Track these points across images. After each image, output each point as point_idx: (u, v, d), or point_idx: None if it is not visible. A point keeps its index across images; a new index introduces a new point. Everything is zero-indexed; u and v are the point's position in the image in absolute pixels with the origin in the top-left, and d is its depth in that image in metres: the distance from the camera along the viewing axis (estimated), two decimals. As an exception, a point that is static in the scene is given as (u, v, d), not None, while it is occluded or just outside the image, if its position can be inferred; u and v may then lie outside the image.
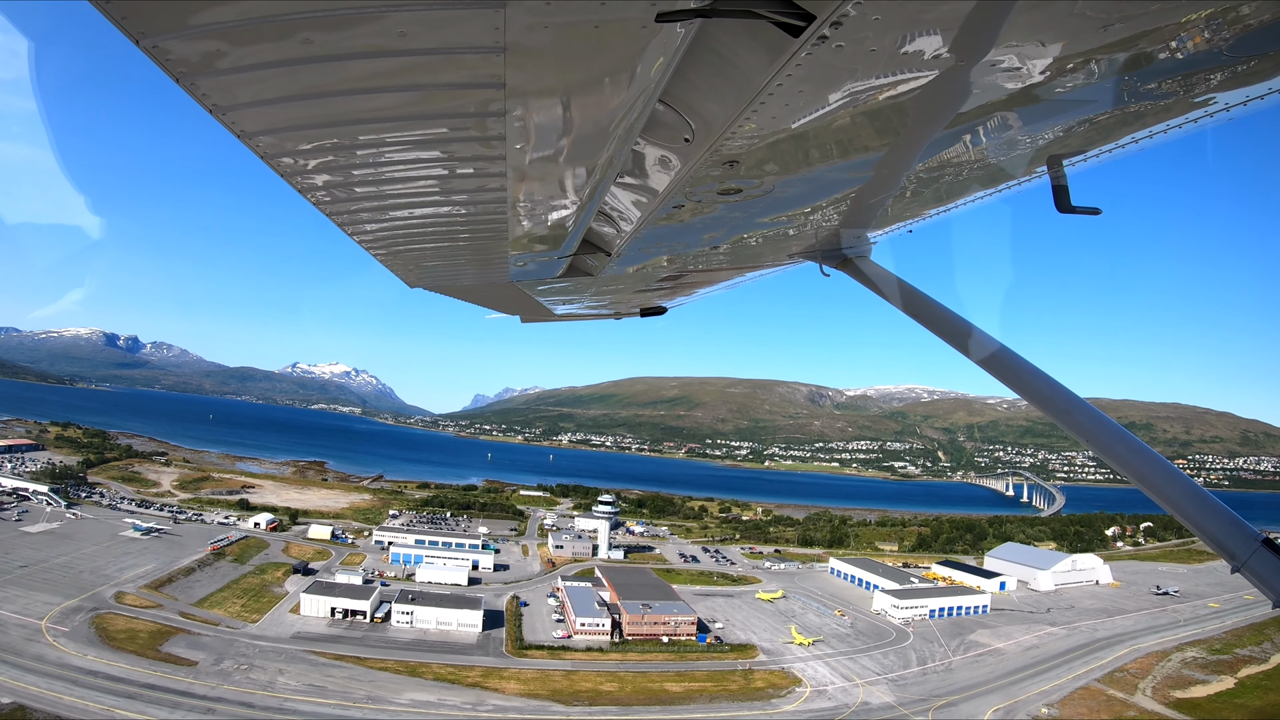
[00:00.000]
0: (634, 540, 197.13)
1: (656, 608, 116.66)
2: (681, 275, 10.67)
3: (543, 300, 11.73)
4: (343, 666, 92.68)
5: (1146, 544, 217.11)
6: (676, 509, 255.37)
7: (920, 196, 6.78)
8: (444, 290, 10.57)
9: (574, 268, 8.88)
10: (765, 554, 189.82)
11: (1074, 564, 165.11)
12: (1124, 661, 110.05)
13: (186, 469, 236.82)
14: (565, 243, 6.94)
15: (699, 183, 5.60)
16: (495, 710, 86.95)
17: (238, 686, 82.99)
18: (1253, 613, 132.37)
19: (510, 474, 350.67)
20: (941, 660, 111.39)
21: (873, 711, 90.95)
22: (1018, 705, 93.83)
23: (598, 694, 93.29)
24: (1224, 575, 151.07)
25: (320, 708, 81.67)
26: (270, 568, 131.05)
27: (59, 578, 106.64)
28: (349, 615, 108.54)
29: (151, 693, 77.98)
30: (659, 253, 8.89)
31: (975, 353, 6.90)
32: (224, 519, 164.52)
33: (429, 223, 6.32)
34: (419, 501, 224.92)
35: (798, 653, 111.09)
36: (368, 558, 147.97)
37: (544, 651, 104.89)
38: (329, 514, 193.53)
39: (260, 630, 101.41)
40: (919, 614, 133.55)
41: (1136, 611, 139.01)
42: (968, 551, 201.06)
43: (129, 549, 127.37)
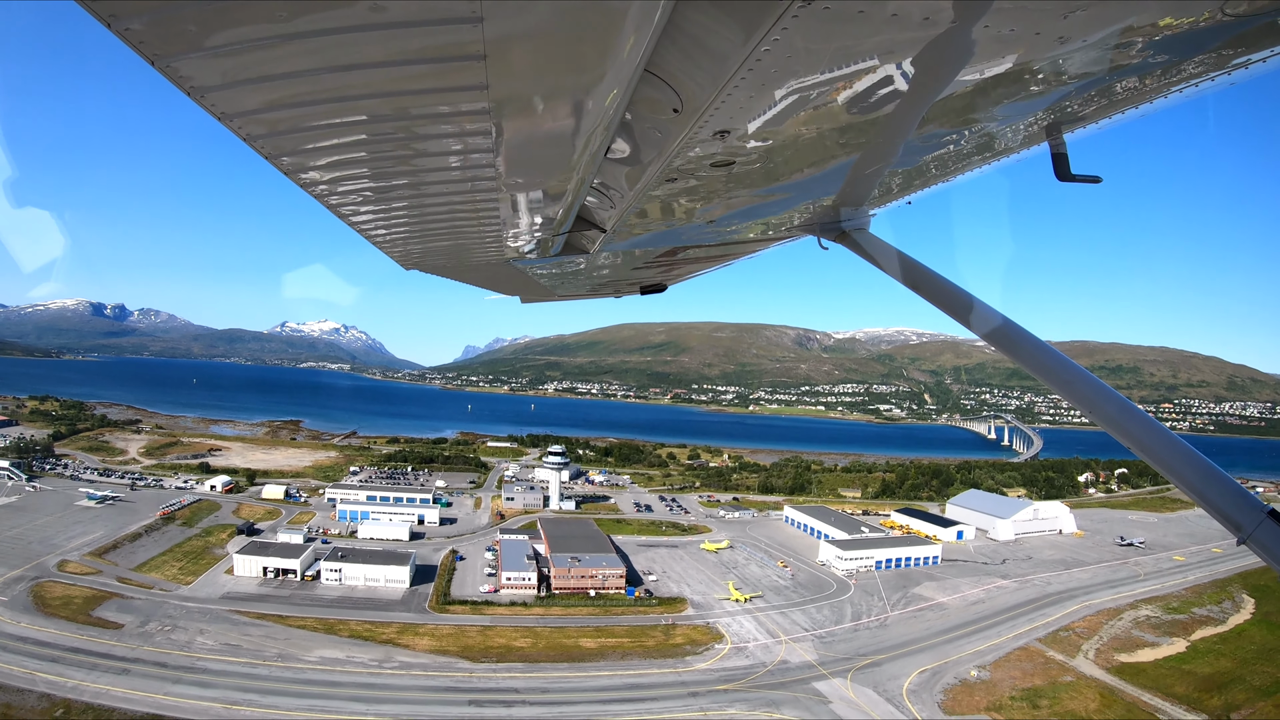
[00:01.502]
0: (591, 490, 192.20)
1: (586, 560, 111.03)
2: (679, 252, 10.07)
3: (541, 280, 11.38)
4: (263, 625, 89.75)
5: (1120, 491, 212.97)
6: (643, 456, 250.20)
7: (918, 167, 6.46)
8: (440, 272, 9.79)
9: (570, 246, 8.38)
10: (723, 502, 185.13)
11: (1036, 512, 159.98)
12: (1072, 619, 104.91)
13: (156, 435, 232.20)
14: (560, 221, 6.65)
15: (691, 156, 5.36)
16: (399, 667, 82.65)
17: (156, 647, 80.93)
18: (1218, 567, 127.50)
19: (488, 425, 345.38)
20: (878, 615, 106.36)
21: (789, 671, 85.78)
22: (947, 666, 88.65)
23: (509, 650, 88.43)
24: (1195, 525, 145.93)
25: (230, 666, 78.78)
26: (217, 530, 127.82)
27: (7, 549, 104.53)
28: (280, 574, 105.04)
29: (74, 656, 76.81)
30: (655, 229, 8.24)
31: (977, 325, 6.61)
32: (182, 483, 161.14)
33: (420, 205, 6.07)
34: (383, 457, 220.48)
35: (728, 607, 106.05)
36: (317, 516, 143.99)
37: (467, 607, 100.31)
38: (290, 473, 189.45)
39: (191, 592, 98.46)
40: (864, 565, 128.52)
41: (1096, 564, 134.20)
42: (933, 498, 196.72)
43: (81, 518, 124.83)
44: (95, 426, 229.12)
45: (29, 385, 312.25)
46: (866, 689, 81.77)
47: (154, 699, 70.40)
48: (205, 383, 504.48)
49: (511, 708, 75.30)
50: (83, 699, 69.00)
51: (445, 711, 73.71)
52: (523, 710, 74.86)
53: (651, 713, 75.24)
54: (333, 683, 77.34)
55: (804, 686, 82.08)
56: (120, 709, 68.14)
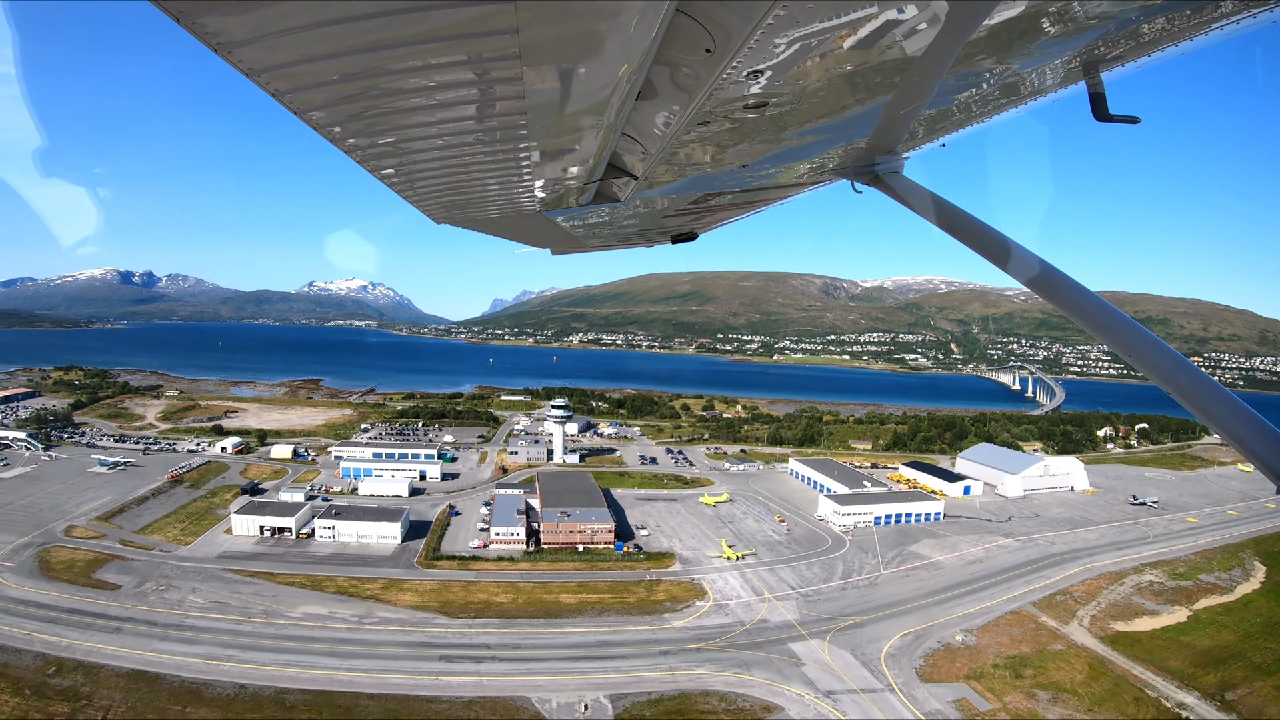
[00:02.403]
0: (600, 443, 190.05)
1: (575, 515, 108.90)
2: (711, 198, 9.71)
3: (572, 231, 10.82)
4: (253, 583, 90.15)
5: (1139, 446, 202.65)
6: (656, 408, 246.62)
7: (953, 107, 6.28)
8: (471, 225, 9.38)
9: (602, 195, 8.06)
10: (729, 454, 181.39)
11: (1046, 468, 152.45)
12: (1071, 583, 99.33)
13: (175, 400, 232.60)
14: (591, 169, 6.45)
15: (723, 98, 5.21)
16: (378, 622, 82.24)
17: (149, 606, 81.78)
18: (1231, 531, 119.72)
19: (507, 379, 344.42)
20: (869, 574, 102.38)
21: (767, 631, 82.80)
22: (932, 630, 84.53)
23: (488, 605, 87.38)
24: (1213, 485, 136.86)
25: (216, 623, 79.27)
26: (222, 491, 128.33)
27: (19, 518, 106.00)
28: (276, 533, 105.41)
29: (71, 616, 78.06)
30: (687, 175, 7.92)
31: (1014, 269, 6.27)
32: (195, 446, 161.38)
33: (450, 157, 5.84)
34: (396, 413, 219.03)
35: (717, 564, 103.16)
36: (322, 474, 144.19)
37: (454, 562, 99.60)
38: (302, 432, 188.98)
39: (189, 552, 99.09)
40: (863, 521, 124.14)
41: (1104, 524, 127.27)
42: (945, 451, 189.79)
43: (91, 484, 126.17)
44: (116, 394, 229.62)
45: (56, 356, 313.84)
46: (844, 651, 78.39)
47: (141, 655, 71.19)
48: (231, 345, 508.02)
49: (480, 663, 74.12)
50: (74, 657, 70.11)
51: (415, 666, 72.91)
52: (491, 666, 73.63)
53: (619, 671, 73.24)
54: (311, 638, 77.21)
55: (779, 647, 79.09)
56: (108, 665, 69.06)
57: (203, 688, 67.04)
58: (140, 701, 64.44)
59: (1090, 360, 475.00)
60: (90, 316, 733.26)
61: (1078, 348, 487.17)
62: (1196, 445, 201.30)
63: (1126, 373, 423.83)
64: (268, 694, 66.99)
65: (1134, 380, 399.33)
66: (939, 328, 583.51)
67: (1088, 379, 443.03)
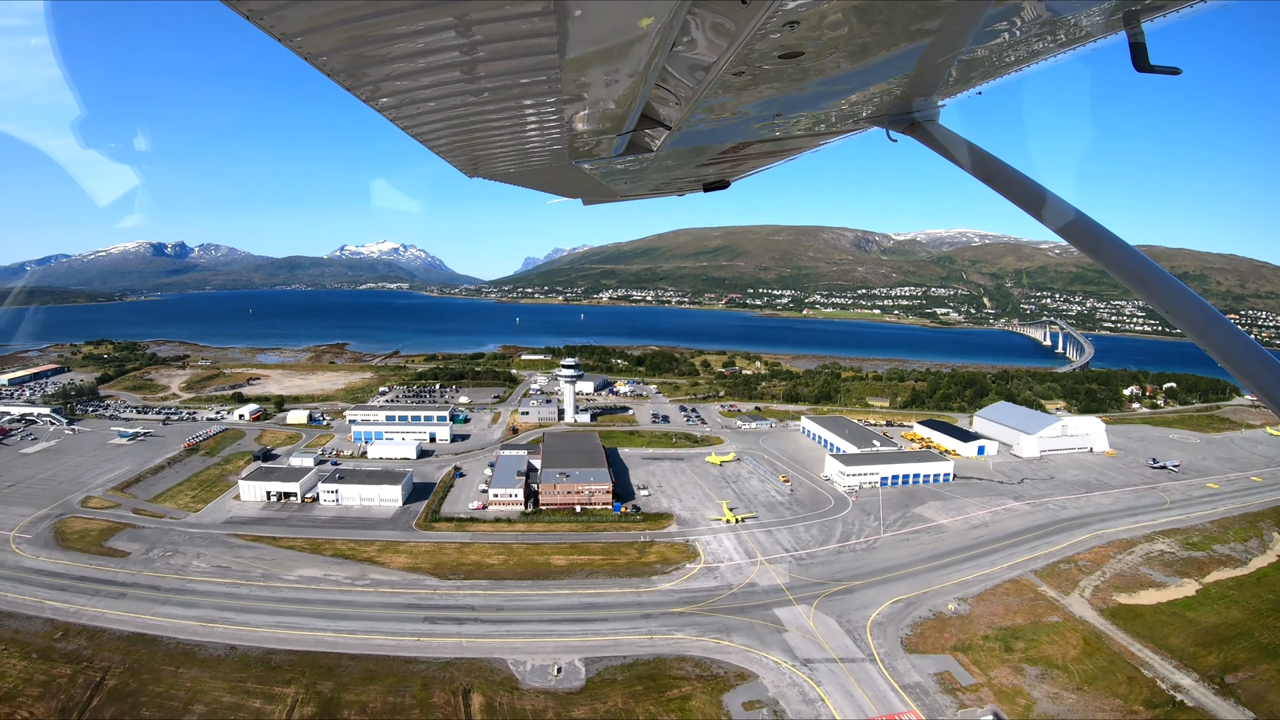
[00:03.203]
0: (615, 401, 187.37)
1: (574, 476, 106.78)
2: (745, 147, 9.39)
3: (604, 180, 10.54)
4: (256, 547, 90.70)
5: (1165, 407, 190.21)
6: (675, 365, 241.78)
7: (990, 55, 6.11)
8: (504, 178, 9.30)
9: (634, 144, 7.82)
10: (743, 412, 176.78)
11: (1065, 428, 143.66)
12: (1078, 550, 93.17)
13: (199, 369, 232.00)
14: (624, 119, 6.37)
15: (759, 47, 5.07)
16: (370, 585, 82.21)
17: (155, 572, 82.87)
18: (1253, 499, 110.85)
19: (532, 338, 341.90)
20: (868, 537, 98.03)
21: (754, 595, 79.81)
22: (925, 597, 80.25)
23: (478, 567, 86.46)
24: (1239, 449, 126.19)
25: (216, 586, 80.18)
26: (236, 457, 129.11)
27: (40, 491, 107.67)
28: (282, 498, 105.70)
29: (80, 584, 79.48)
30: (720, 124, 7.57)
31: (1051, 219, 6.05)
32: (214, 414, 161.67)
33: (482, 108, 5.67)
34: (415, 376, 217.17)
35: (714, 525, 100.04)
36: (335, 438, 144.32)
37: (452, 524, 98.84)
38: (320, 397, 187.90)
39: (198, 518, 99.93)
40: (868, 481, 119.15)
41: (1120, 488, 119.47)
42: (964, 409, 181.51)
43: (111, 455, 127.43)
44: (143, 366, 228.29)
45: (88, 330, 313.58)
46: (829, 618, 74.94)
47: (141, 619, 72.30)
48: (261, 312, 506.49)
49: (462, 625, 73.24)
50: (80, 622, 71.49)
51: (399, 628, 72.45)
52: (472, 628, 72.68)
53: (598, 634, 71.47)
54: (304, 600, 77.44)
55: (764, 612, 76.11)
56: (111, 629, 70.29)
57: (196, 649, 67.84)
58: (137, 663, 65.48)
59: (1125, 316, 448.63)
60: (124, 290, 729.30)
61: (1112, 302, 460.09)
62: (1225, 406, 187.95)
63: (1161, 329, 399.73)
64: (256, 655, 67.39)
65: (1168, 337, 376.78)
66: (971, 281, 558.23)
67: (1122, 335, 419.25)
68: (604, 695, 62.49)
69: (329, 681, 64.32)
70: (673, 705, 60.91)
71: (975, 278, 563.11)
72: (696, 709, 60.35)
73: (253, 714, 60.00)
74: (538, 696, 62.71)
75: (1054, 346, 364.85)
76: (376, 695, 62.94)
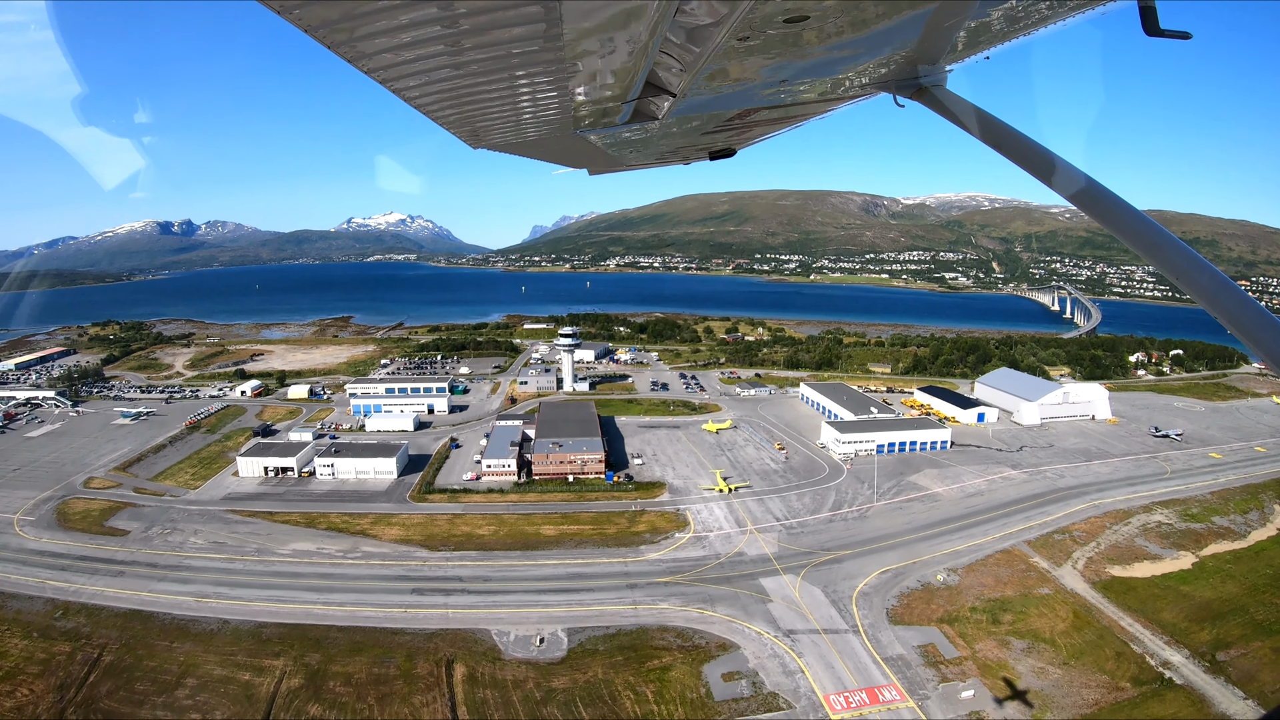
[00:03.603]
0: (615, 369, 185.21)
1: (567, 445, 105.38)
2: (751, 114, 9.16)
3: (609, 150, 10.25)
4: (251, 522, 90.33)
5: (1171, 374, 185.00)
6: (678, 332, 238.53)
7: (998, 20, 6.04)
8: (508, 149, 9.00)
9: (639, 113, 7.53)
10: (743, 379, 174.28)
11: (1066, 395, 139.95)
12: (1073, 520, 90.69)
13: (204, 347, 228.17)
14: (628, 87, 6.20)
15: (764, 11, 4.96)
16: (361, 557, 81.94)
17: (153, 550, 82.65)
18: (1256, 470, 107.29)
19: (537, 306, 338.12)
20: (860, 505, 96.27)
21: (741, 565, 78.59)
22: (914, 567, 78.61)
23: (468, 538, 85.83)
24: (1244, 418, 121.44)
25: (211, 562, 79.91)
26: (236, 434, 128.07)
27: (44, 474, 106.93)
28: (280, 473, 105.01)
29: (81, 563, 79.30)
30: (725, 90, 7.40)
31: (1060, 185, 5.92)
32: (216, 391, 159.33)
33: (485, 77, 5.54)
34: (418, 347, 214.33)
35: (706, 494, 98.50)
36: (335, 412, 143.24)
37: (445, 495, 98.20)
38: (323, 371, 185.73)
39: (197, 495, 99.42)
40: (864, 449, 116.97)
41: (1121, 456, 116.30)
42: (966, 375, 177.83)
43: (114, 436, 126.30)
44: (149, 345, 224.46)
45: (95, 312, 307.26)
46: (815, 588, 73.63)
47: (139, 596, 72.33)
48: (268, 287, 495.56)
49: (450, 596, 72.75)
50: (80, 600, 71.57)
51: (387, 599, 72.14)
52: (459, 599, 72.19)
53: (582, 604, 70.75)
54: (296, 574, 77.22)
55: (750, 582, 74.96)
56: (109, 607, 70.40)
57: (190, 624, 67.94)
58: (133, 639, 65.67)
59: (1134, 281, 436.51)
60: (131, 270, 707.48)
61: (1122, 268, 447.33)
62: (1232, 375, 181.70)
63: (1171, 295, 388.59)
64: (247, 628, 67.39)
65: (1178, 303, 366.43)
66: (980, 246, 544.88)
67: (1131, 300, 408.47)
68: (585, 665, 61.83)
69: (317, 653, 64.19)
70: (652, 675, 60.12)
71: (984, 242, 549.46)
72: (675, 679, 59.52)
73: (242, 686, 60.10)
74: (519, 667, 62.19)
75: (1062, 312, 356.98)
76: (362, 666, 62.78)
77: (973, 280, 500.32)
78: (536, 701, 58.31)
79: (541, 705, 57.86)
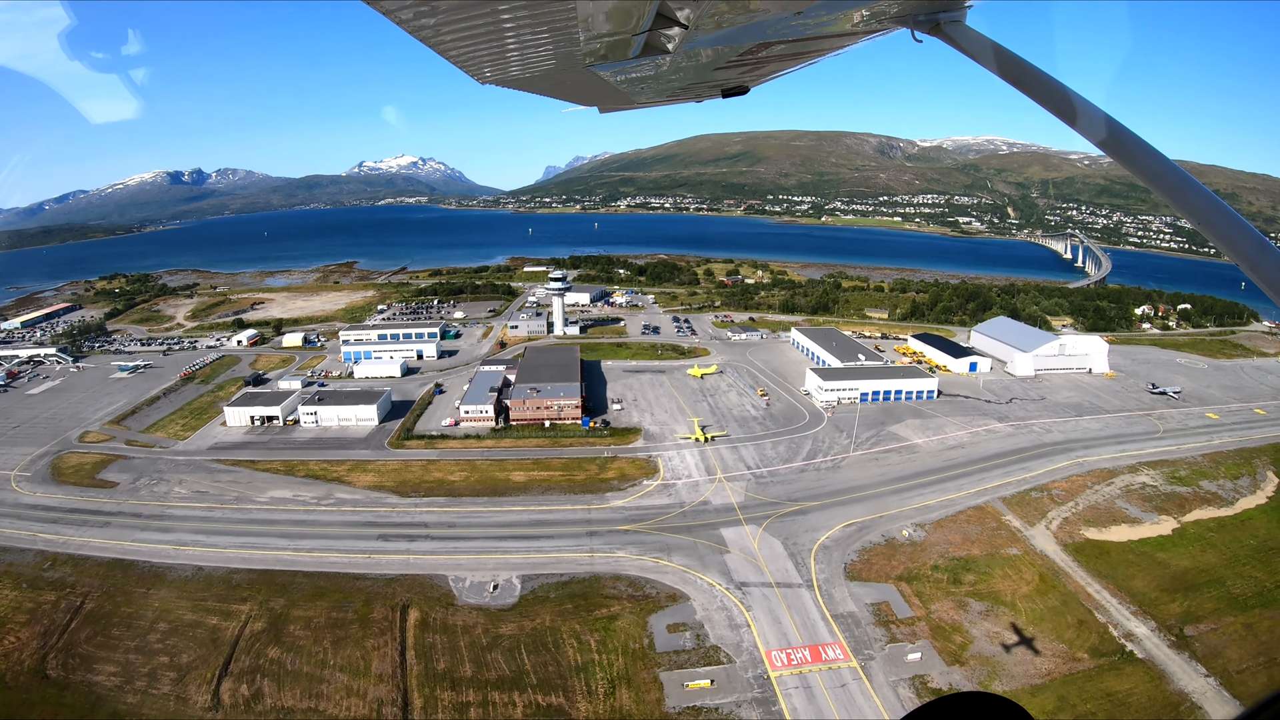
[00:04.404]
0: (610, 312, 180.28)
1: (545, 391, 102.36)
2: (764, 48, 8.47)
3: (619, 86, 9.62)
4: (234, 471, 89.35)
5: (1177, 329, 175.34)
6: (678, 274, 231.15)
7: None
8: (517, 85, 8.29)
9: (650, 46, 6.99)
10: (736, 322, 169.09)
11: (1062, 347, 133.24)
12: (1055, 478, 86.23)
13: (206, 297, 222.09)
14: (639, 19, 5.93)
15: None
16: (334, 503, 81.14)
17: (139, 500, 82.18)
18: (1252, 433, 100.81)
19: (543, 248, 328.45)
20: (835, 455, 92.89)
21: (704, 514, 76.42)
22: (880, 521, 75.63)
23: (439, 484, 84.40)
24: (1248, 377, 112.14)
25: (192, 511, 79.30)
26: (229, 384, 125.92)
27: (42, 430, 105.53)
28: (265, 421, 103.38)
29: (71, 515, 78.95)
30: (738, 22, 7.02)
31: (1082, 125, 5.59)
32: (214, 342, 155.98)
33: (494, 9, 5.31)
34: (417, 292, 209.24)
35: (680, 441, 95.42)
36: (327, 359, 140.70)
37: (423, 441, 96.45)
38: (320, 318, 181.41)
39: (185, 446, 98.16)
40: (848, 397, 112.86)
41: (1114, 413, 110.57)
42: (965, 323, 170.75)
43: (111, 389, 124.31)
44: (153, 297, 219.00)
45: (104, 265, 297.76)
46: (775, 540, 71.22)
47: (121, 545, 72.02)
48: (276, 234, 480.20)
49: (414, 542, 71.63)
50: (67, 551, 71.40)
51: (353, 545, 71.32)
52: (422, 544, 71.12)
53: (541, 551, 69.25)
54: (271, 521, 76.50)
55: (710, 532, 72.74)
56: (94, 557, 70.22)
57: (166, 571, 67.75)
58: (114, 587, 65.68)
59: (1151, 232, 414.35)
60: (142, 221, 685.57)
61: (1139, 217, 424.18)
62: (1240, 332, 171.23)
63: (1189, 247, 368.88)
64: (219, 575, 67.09)
65: (1195, 256, 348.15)
66: (996, 190, 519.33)
67: (1147, 251, 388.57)
68: (534, 613, 60.54)
69: (281, 598, 63.79)
70: (599, 624, 58.64)
71: (1001, 187, 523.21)
72: (621, 629, 58.01)
73: (209, 630, 60.18)
74: (470, 612, 61.08)
75: (1074, 260, 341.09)
76: (322, 611, 62.21)
77: (987, 225, 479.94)
78: (482, 647, 57.30)
79: (486, 651, 56.84)
